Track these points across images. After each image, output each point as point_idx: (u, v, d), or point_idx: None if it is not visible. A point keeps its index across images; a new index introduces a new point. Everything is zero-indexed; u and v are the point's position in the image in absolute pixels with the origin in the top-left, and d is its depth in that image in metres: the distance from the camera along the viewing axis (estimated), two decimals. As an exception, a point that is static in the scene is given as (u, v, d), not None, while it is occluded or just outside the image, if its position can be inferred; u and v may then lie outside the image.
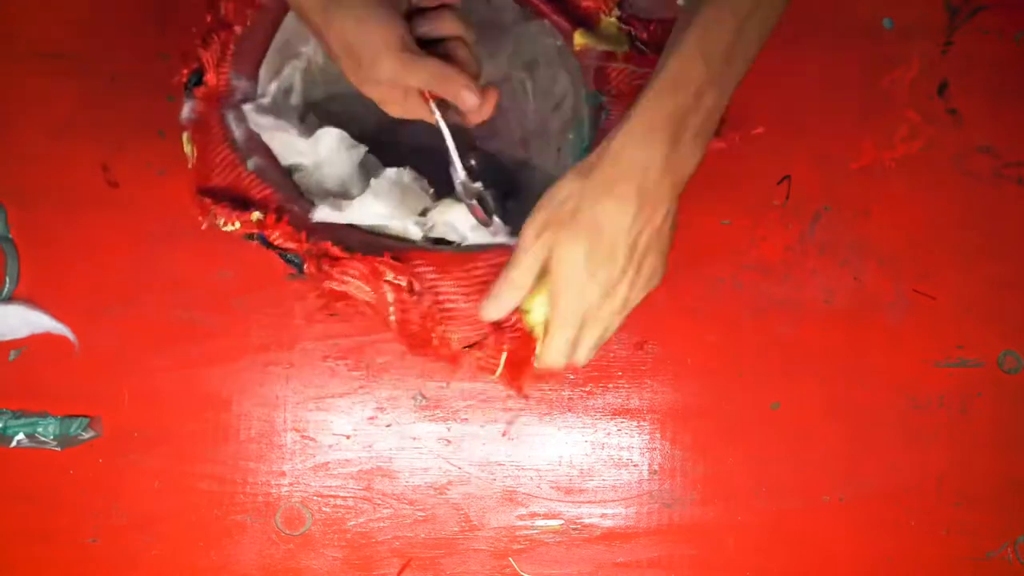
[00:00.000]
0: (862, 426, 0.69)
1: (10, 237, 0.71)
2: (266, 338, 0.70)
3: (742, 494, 0.69)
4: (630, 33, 0.62)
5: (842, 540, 0.68)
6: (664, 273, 0.52)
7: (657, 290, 0.70)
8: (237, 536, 0.69)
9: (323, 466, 0.69)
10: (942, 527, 0.68)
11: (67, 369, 0.69)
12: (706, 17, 0.49)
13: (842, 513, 0.68)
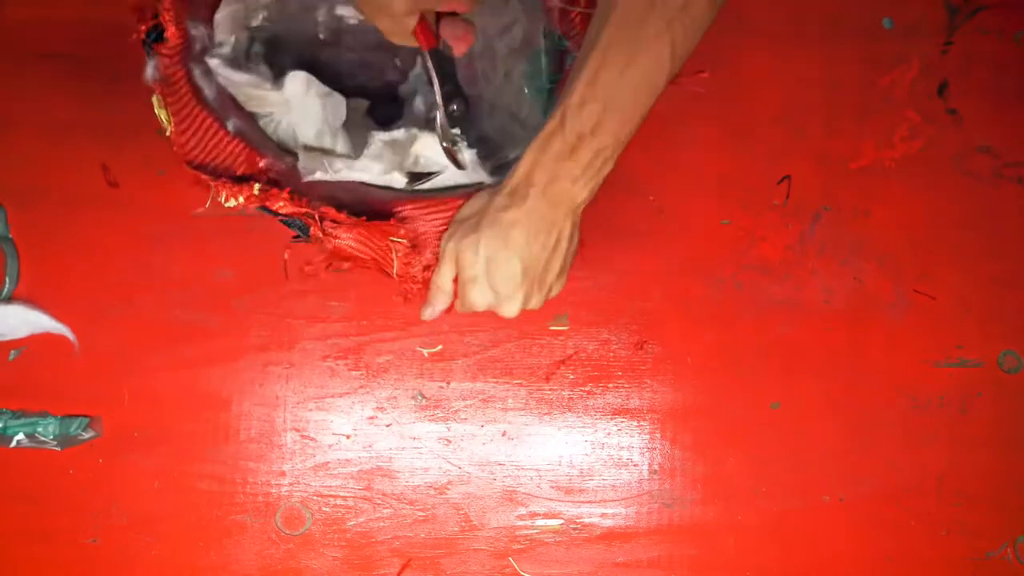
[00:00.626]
0: (862, 426, 0.69)
1: (10, 237, 0.71)
2: (266, 338, 0.70)
3: (742, 494, 0.69)
4: None
5: (842, 540, 0.68)
6: (559, 288, 0.58)
7: (657, 290, 0.70)
8: (237, 536, 0.69)
9: (323, 466, 0.69)
10: (942, 527, 0.68)
11: (67, 369, 0.69)
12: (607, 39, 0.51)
13: (842, 513, 0.68)
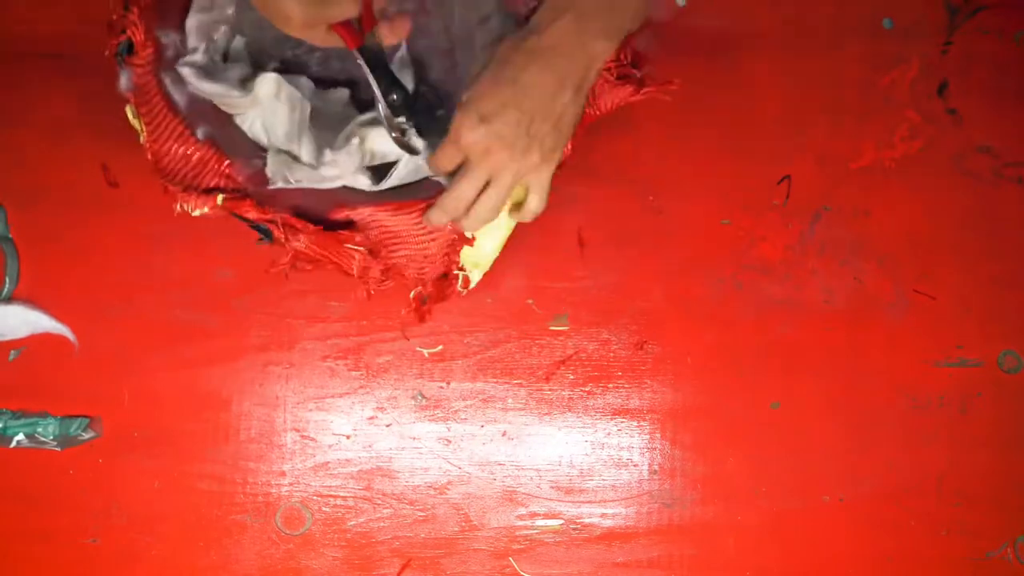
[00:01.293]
0: (862, 426, 0.69)
1: (10, 237, 0.71)
2: (266, 338, 0.70)
3: (742, 494, 0.69)
4: None
5: (842, 540, 0.68)
6: (563, 148, 0.60)
7: (657, 290, 0.70)
8: (237, 536, 0.69)
9: (323, 466, 0.69)
10: (942, 527, 0.68)
11: (67, 369, 0.69)
12: None
13: (842, 513, 0.68)
